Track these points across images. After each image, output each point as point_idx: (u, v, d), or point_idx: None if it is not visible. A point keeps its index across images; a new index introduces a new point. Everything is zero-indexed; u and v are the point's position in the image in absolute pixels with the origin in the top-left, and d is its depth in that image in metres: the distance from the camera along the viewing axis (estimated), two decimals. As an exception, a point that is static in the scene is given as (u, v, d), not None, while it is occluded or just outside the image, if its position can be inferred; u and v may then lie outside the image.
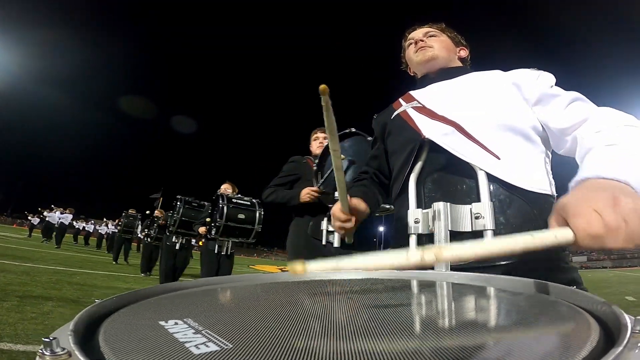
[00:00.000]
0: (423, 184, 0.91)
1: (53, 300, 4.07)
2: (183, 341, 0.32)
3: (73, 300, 4.26)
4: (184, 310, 0.44)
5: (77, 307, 3.82)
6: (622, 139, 0.70)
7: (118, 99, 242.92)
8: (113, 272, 8.26)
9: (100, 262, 10.60)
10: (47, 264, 7.95)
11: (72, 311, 3.68)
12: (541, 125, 0.90)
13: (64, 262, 8.81)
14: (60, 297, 4.33)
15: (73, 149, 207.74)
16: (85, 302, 4.20)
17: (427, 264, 0.45)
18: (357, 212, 0.94)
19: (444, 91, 1.01)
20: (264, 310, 0.47)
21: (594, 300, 0.39)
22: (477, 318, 0.42)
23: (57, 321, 3.19)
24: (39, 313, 3.39)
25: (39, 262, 7.96)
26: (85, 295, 4.67)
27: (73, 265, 8.36)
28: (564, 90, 0.89)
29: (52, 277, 5.85)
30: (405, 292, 0.59)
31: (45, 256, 9.74)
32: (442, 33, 1.14)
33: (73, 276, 6.46)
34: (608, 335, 0.31)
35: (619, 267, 42.52)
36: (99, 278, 6.89)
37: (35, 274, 5.95)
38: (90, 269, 8.25)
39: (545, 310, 0.42)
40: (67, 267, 7.88)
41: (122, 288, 5.94)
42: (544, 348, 0.30)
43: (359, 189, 1.08)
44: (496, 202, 0.81)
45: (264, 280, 0.69)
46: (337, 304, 0.49)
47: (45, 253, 10.69)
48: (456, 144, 0.87)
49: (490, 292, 0.54)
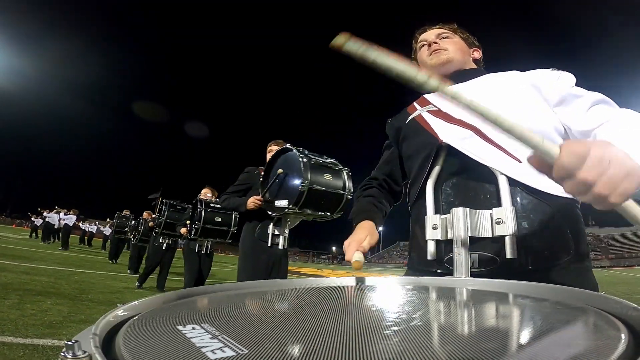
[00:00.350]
0: (441, 189, 0.89)
1: (52, 298, 4.20)
2: (200, 346, 0.32)
3: (71, 298, 4.39)
4: (201, 315, 0.45)
5: (75, 305, 3.99)
6: (634, 130, 0.69)
7: (124, 101, 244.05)
8: (111, 272, 8.38)
9: (99, 262, 10.74)
10: (46, 263, 8.14)
11: (69, 308, 3.81)
12: (563, 127, 0.88)
13: (63, 262, 9.00)
14: (59, 295, 4.47)
15: (73, 149, 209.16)
16: (83, 300, 4.38)
17: (429, 86, 0.50)
18: (374, 242, 0.91)
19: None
20: (280, 316, 0.47)
21: (622, 305, 0.38)
22: (498, 325, 0.41)
23: (55, 317, 3.34)
24: (38, 310, 3.52)
25: (39, 262, 8.17)
26: (82, 294, 4.82)
27: (72, 265, 8.53)
28: (586, 91, 0.86)
29: (51, 277, 6.01)
30: (424, 298, 0.58)
31: (44, 256, 9.98)
32: (455, 34, 1.11)
33: (72, 276, 6.61)
34: (638, 340, 0.30)
35: (617, 266, 42.05)
36: (96, 277, 7.01)
37: (35, 274, 6.12)
38: (88, 269, 8.38)
39: (571, 317, 0.41)
40: (66, 267, 8.05)
41: (119, 287, 6.10)
42: (571, 355, 0.28)
43: (368, 204, 1.05)
44: (518, 206, 0.79)
45: (282, 287, 0.69)
46: (354, 310, 0.49)
47: (44, 253, 10.93)
48: (475, 148, 0.85)
49: (513, 299, 0.53)
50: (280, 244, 2.57)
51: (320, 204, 2.36)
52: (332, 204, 2.42)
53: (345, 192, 2.42)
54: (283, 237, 2.58)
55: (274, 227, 2.58)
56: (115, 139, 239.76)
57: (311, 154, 2.38)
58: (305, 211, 2.33)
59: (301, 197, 2.20)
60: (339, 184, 2.41)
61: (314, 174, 2.24)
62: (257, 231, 2.77)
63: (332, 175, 2.38)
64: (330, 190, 2.35)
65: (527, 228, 0.78)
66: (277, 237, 2.58)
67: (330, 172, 2.39)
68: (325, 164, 2.41)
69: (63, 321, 3.28)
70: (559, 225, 0.78)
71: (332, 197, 2.39)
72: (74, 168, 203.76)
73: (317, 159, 2.37)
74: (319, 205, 2.35)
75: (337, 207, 2.45)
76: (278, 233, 2.60)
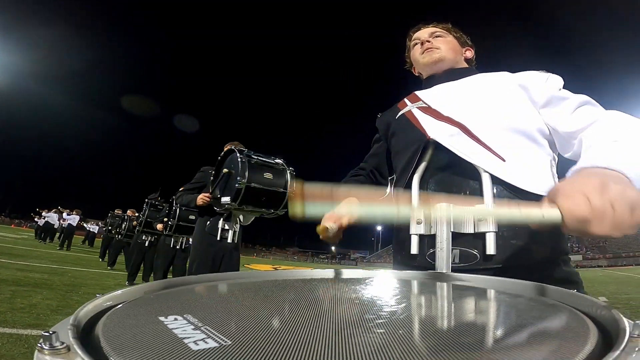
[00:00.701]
0: (426, 185, 0.90)
1: (43, 294, 4.28)
2: (182, 337, 0.32)
3: (62, 294, 4.46)
4: (183, 306, 0.44)
5: (64, 301, 4.05)
6: (624, 137, 0.70)
7: (120, 98, 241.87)
8: (104, 270, 8.36)
9: (94, 260, 10.68)
10: (41, 261, 8.12)
11: (58, 302, 3.90)
12: (548, 128, 0.89)
13: (57, 260, 8.99)
14: (50, 291, 4.54)
15: (73, 149, 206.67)
16: (73, 296, 4.43)
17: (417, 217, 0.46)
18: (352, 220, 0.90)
19: (450, 92, 1.00)
20: (264, 307, 0.47)
21: (593, 304, 0.39)
22: (475, 320, 0.42)
23: (43, 311, 3.45)
24: (28, 304, 3.63)
25: (34, 260, 8.15)
26: (73, 290, 4.88)
27: (66, 264, 8.52)
28: (572, 93, 0.88)
29: (44, 274, 6.04)
30: (405, 292, 0.59)
31: (40, 255, 9.94)
32: (449, 33, 1.12)
33: (65, 274, 6.61)
34: (606, 339, 0.31)
35: (614, 266, 42.29)
36: (89, 275, 7.01)
37: (29, 271, 6.15)
38: (82, 267, 8.36)
39: (543, 313, 0.42)
40: (60, 265, 8.04)
41: (111, 284, 6.14)
42: (541, 351, 0.30)
43: (353, 183, 1.08)
44: (499, 204, 0.80)
45: (265, 278, 0.69)
46: (338, 302, 0.49)
47: (40, 252, 10.89)
48: (461, 145, 0.86)
49: (490, 294, 0.54)
50: (229, 237, 2.80)
51: (261, 201, 2.58)
52: (273, 201, 2.61)
53: (287, 190, 2.62)
54: (232, 232, 2.82)
55: (224, 222, 2.81)
56: (115, 136, 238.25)
57: (256, 155, 2.61)
58: (247, 207, 2.56)
59: (239, 194, 2.41)
60: (280, 182, 2.61)
61: (253, 173, 2.46)
62: (208, 225, 2.99)
63: (273, 175, 2.58)
64: (270, 189, 2.55)
65: (507, 225, 0.79)
66: (226, 231, 2.80)
67: (272, 171, 2.59)
68: (267, 164, 2.62)
69: (50, 314, 3.38)
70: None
71: (272, 195, 2.58)
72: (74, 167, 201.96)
73: (259, 159, 2.59)
74: (259, 202, 2.57)
75: (279, 204, 2.65)
76: (228, 228, 2.81)
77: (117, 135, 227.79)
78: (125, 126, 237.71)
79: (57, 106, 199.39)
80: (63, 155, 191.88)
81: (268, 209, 2.65)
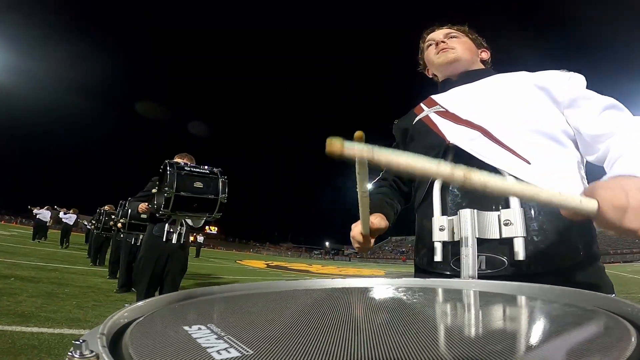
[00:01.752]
0: (448, 191, 0.88)
1: (28, 291, 4.39)
2: (205, 346, 0.32)
3: (47, 292, 4.57)
4: (207, 316, 0.45)
5: (49, 298, 4.20)
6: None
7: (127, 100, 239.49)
8: (92, 268, 8.37)
9: (83, 257, 10.62)
10: (29, 259, 8.19)
11: (43, 300, 4.02)
12: (572, 130, 0.86)
13: (45, 258, 9.06)
14: (35, 289, 4.65)
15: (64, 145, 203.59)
16: (58, 293, 4.56)
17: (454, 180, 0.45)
18: (377, 231, 0.92)
19: (467, 95, 0.98)
20: (286, 317, 0.47)
21: (633, 308, 0.38)
22: (508, 328, 0.41)
23: (28, 308, 3.56)
24: (13, 302, 3.75)
25: (22, 258, 8.21)
26: (59, 287, 4.99)
27: (54, 261, 8.60)
28: (597, 94, 0.84)
29: (31, 272, 6.13)
30: (431, 300, 0.57)
31: (29, 252, 10.01)
32: (464, 34, 1.10)
33: (52, 271, 6.69)
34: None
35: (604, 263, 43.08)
36: (77, 273, 7.02)
37: (16, 269, 6.24)
38: (70, 264, 8.39)
39: (581, 319, 0.40)
40: (48, 262, 8.13)
41: (97, 282, 6.14)
42: (584, 357, 0.28)
43: (380, 201, 1.05)
44: (527, 208, 0.77)
45: (287, 288, 0.69)
46: (360, 311, 0.49)
47: (28, 249, 10.96)
48: (483, 149, 0.84)
49: (521, 301, 0.52)
50: (174, 239, 3.30)
51: (193, 207, 2.98)
52: (206, 206, 3.04)
53: (219, 197, 3.04)
54: (177, 234, 3.30)
55: (169, 225, 3.31)
56: (117, 138, 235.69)
57: (190, 166, 3.05)
58: (180, 213, 2.99)
59: (169, 202, 2.81)
60: (210, 190, 3.00)
61: (182, 183, 2.86)
62: (155, 228, 3.41)
63: (203, 184, 2.98)
64: (200, 196, 2.94)
65: (537, 230, 0.77)
66: (171, 233, 3.30)
67: (202, 181, 2.99)
68: (199, 174, 3.01)
69: (35, 311, 3.47)
70: (568, 227, 0.77)
71: (203, 201, 2.99)
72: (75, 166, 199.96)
73: (191, 170, 2.99)
74: (191, 207, 2.98)
75: (213, 210, 3.06)
76: (172, 230, 3.30)
77: (110, 132, 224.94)
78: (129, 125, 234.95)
79: (46, 103, 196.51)
80: (54, 151, 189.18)
81: (203, 212, 3.08)
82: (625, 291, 8.58)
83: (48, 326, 3.02)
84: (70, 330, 3.01)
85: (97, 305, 4.19)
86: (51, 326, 3.03)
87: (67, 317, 3.43)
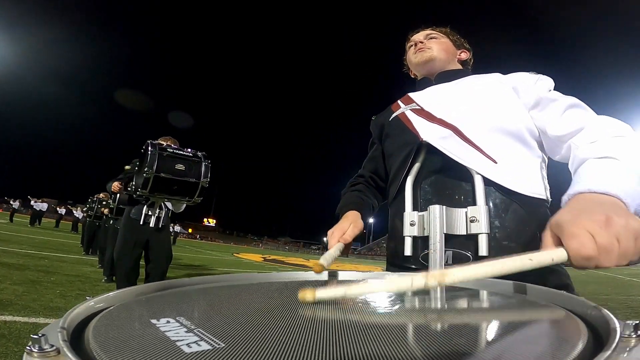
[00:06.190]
0: (420, 187, 0.90)
1: (12, 279, 4.26)
2: (174, 340, 0.31)
3: (32, 280, 4.43)
4: (176, 308, 0.44)
5: (33, 286, 4.08)
6: (616, 151, 0.70)
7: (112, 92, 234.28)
8: (83, 257, 8.20)
9: (76, 245, 10.45)
10: (20, 247, 7.99)
11: (25, 288, 3.92)
12: (537, 130, 0.90)
13: (37, 246, 8.80)
14: (20, 276, 4.52)
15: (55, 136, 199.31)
16: (43, 281, 4.44)
17: (430, 288, 0.46)
18: (357, 231, 0.95)
19: (442, 94, 1.01)
20: (258, 310, 0.46)
21: (584, 304, 0.39)
22: (466, 321, 0.42)
23: (7, 296, 3.46)
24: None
25: (12, 245, 7.99)
26: (46, 276, 4.84)
27: (45, 249, 8.34)
28: (562, 95, 0.88)
29: (20, 259, 5.95)
30: (397, 294, 0.58)
31: (21, 240, 9.73)
32: (444, 36, 1.13)
33: (42, 259, 6.50)
34: (597, 339, 0.31)
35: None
36: (68, 262, 6.88)
37: (3, 257, 6.02)
38: (62, 253, 8.22)
39: (535, 314, 0.42)
40: (38, 250, 7.89)
41: (86, 271, 5.99)
42: (532, 351, 0.30)
43: (355, 197, 1.07)
44: (492, 206, 0.81)
45: (259, 280, 0.69)
46: (332, 306, 0.49)
47: (21, 237, 10.64)
48: (453, 147, 0.87)
49: (482, 295, 0.54)
50: (151, 222, 3.18)
51: (173, 189, 2.82)
52: (186, 190, 2.85)
53: (201, 180, 2.85)
54: (155, 217, 3.19)
55: (147, 208, 3.18)
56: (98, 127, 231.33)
57: (172, 148, 2.84)
58: (159, 195, 2.82)
59: (147, 183, 2.64)
60: (192, 173, 2.83)
61: (163, 164, 2.68)
62: (133, 211, 3.30)
63: (185, 166, 2.80)
64: (181, 179, 2.77)
65: (499, 227, 0.80)
66: (149, 216, 3.17)
67: (185, 163, 2.82)
68: (181, 156, 2.82)
69: (13, 299, 3.34)
70: (529, 224, 0.80)
71: (184, 184, 2.81)
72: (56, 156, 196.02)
73: (173, 152, 2.81)
74: (171, 190, 2.82)
75: (193, 193, 2.88)
76: (150, 214, 3.18)
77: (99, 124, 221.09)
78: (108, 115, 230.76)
79: (34, 93, 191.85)
80: (43, 141, 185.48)
81: (182, 196, 2.90)
82: (624, 293, 8.69)
83: (23, 315, 2.91)
84: (46, 320, 2.89)
85: (81, 294, 4.05)
86: (26, 315, 2.92)
87: (47, 306, 3.30)
